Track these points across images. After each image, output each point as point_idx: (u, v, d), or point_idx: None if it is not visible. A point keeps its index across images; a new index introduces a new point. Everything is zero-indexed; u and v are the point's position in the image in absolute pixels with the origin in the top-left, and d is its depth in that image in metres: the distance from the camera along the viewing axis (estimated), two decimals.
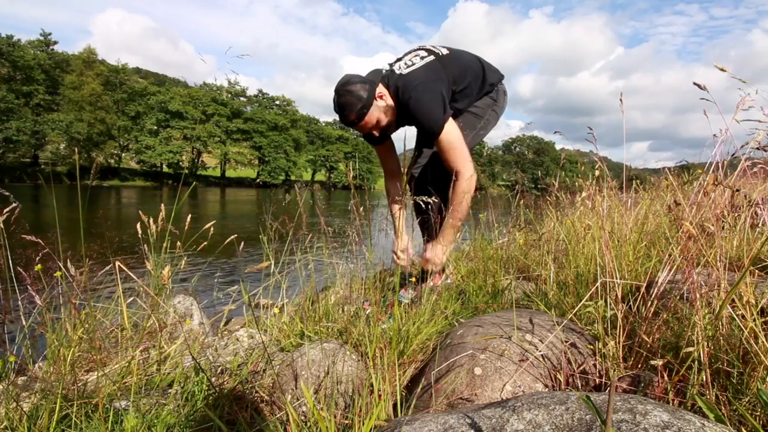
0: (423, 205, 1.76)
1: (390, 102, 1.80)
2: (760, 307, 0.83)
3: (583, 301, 1.09)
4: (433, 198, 2.00)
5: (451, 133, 1.73)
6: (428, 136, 1.76)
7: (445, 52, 1.90)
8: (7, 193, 1.17)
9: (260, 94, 57.77)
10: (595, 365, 1.02)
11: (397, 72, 1.81)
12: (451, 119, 1.74)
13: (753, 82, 1.03)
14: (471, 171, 1.75)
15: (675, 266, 1.00)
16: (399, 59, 1.91)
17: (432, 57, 1.84)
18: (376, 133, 1.85)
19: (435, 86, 1.74)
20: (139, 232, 1.66)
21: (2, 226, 1.11)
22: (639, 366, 0.97)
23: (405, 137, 1.15)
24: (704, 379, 0.78)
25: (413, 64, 1.81)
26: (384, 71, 1.86)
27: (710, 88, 0.98)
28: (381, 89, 1.78)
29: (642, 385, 0.87)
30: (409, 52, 1.91)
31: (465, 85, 1.89)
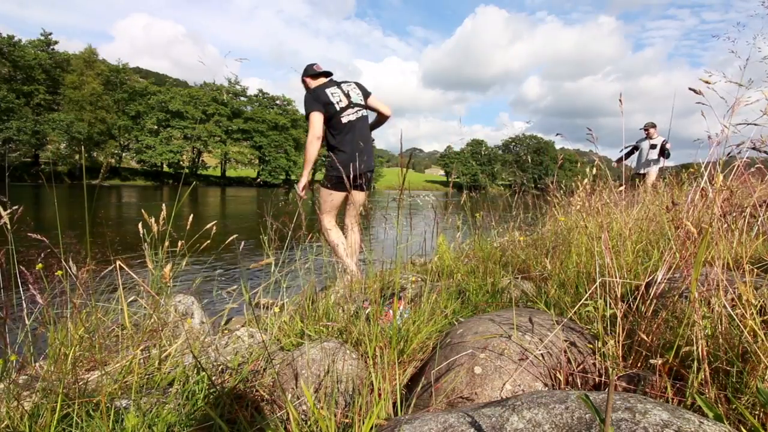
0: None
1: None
2: (759, 306, 0.83)
3: (582, 300, 1.09)
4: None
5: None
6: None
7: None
8: (5, 199, 1.17)
9: (260, 94, 57.67)
10: (594, 364, 1.02)
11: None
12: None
13: (755, 84, 1.03)
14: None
15: (674, 265, 1.00)
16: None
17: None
18: None
19: None
20: (141, 231, 1.67)
21: (8, 227, 1.12)
22: (638, 365, 0.98)
23: (402, 138, 1.15)
24: (703, 378, 0.78)
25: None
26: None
27: (711, 91, 0.98)
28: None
29: (641, 383, 0.87)
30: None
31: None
